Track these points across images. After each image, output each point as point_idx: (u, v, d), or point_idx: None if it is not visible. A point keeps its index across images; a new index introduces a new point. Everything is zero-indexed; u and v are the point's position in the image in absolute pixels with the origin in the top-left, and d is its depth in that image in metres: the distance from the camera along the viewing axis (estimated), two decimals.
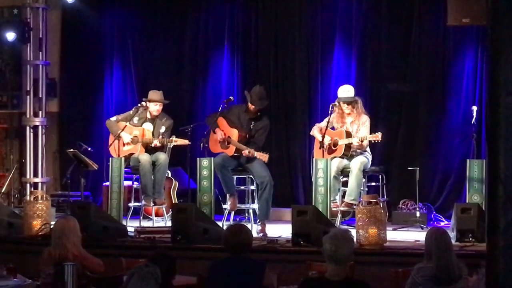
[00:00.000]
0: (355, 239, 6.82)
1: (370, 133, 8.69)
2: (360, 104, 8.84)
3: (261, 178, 8.71)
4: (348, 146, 8.74)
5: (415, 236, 8.16)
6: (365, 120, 8.82)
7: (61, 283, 3.75)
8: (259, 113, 8.97)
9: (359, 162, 8.68)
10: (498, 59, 2.85)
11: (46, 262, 6.15)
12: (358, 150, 8.80)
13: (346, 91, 8.85)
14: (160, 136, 9.17)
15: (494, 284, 2.75)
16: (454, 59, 9.96)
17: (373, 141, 8.65)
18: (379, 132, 8.57)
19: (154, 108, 9.33)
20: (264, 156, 8.58)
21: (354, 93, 8.85)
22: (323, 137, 8.58)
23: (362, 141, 8.62)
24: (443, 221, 9.26)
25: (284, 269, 6.64)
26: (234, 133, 8.88)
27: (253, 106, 8.87)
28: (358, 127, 8.79)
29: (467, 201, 8.25)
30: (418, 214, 9.16)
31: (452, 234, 7.50)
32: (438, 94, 10.06)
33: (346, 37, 10.41)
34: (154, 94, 9.38)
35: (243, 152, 8.66)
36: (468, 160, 8.42)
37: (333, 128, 8.88)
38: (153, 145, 9.14)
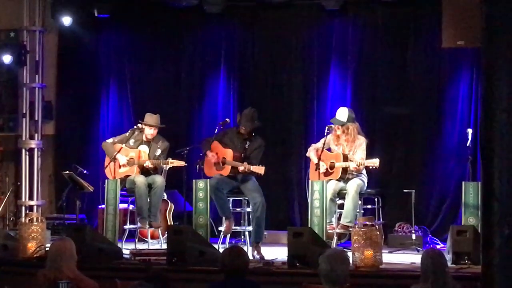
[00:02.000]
0: (351, 261, 6.83)
1: (367, 156, 8.72)
2: (351, 129, 8.83)
3: (254, 199, 8.72)
4: (344, 169, 8.75)
5: (411, 259, 8.15)
6: (362, 142, 8.84)
7: None
8: (253, 134, 9.01)
9: (356, 185, 8.69)
10: (492, 77, 2.87)
11: (41, 284, 6.11)
12: (354, 173, 8.81)
13: (339, 114, 8.89)
14: (156, 159, 9.18)
15: None
16: (449, 82, 10.02)
17: (370, 167, 8.66)
18: (377, 159, 8.59)
19: (149, 132, 9.35)
20: (260, 169, 8.61)
21: (353, 115, 8.87)
22: (319, 159, 8.61)
23: (359, 166, 8.64)
24: (439, 244, 9.24)
25: None
26: (228, 153, 8.90)
27: (243, 128, 8.91)
28: (355, 149, 8.81)
29: (462, 223, 8.25)
30: (414, 237, 9.15)
31: (448, 257, 7.49)
32: (434, 117, 10.10)
33: (342, 60, 10.46)
34: (150, 118, 9.40)
35: (238, 168, 8.68)
36: (463, 183, 8.44)
37: (329, 149, 8.90)
38: (145, 166, 9.14)
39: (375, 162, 8.58)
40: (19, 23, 11.02)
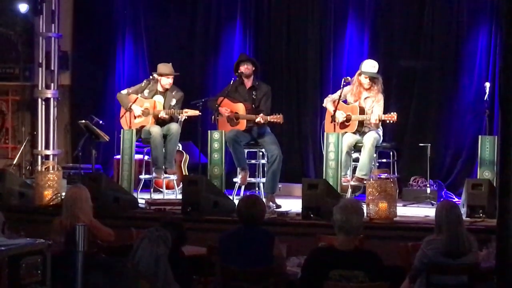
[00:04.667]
0: (365, 213, 6.84)
1: (384, 112, 8.68)
2: (380, 82, 8.82)
3: (271, 151, 8.72)
4: (361, 122, 8.73)
5: (426, 212, 8.15)
6: (380, 98, 8.80)
7: (73, 245, 3.76)
8: (257, 83, 8.99)
9: (372, 138, 8.67)
10: None
11: (57, 231, 6.18)
12: (371, 127, 8.79)
13: (371, 66, 8.81)
14: (171, 109, 9.16)
15: (504, 246, 2.74)
16: (468, 35, 9.89)
17: (387, 121, 8.63)
18: (394, 113, 8.58)
19: (166, 81, 9.31)
20: (278, 118, 8.59)
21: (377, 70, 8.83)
22: (335, 110, 8.58)
23: (376, 121, 8.61)
24: (454, 199, 9.20)
25: (294, 241, 6.65)
26: (240, 107, 8.88)
27: (245, 69, 8.85)
28: (372, 103, 8.77)
29: (478, 177, 8.23)
30: (428, 191, 9.11)
31: (463, 210, 7.48)
32: (451, 71, 10.00)
33: (359, 12, 10.35)
34: (164, 67, 9.36)
35: (256, 120, 8.66)
36: (480, 136, 8.41)
37: (345, 101, 8.87)
38: (160, 116, 9.13)
39: (393, 116, 8.55)
40: None
